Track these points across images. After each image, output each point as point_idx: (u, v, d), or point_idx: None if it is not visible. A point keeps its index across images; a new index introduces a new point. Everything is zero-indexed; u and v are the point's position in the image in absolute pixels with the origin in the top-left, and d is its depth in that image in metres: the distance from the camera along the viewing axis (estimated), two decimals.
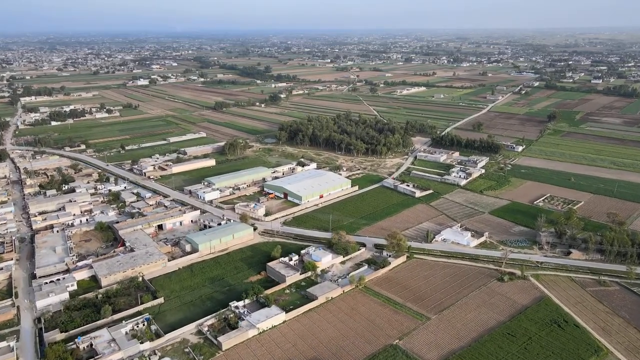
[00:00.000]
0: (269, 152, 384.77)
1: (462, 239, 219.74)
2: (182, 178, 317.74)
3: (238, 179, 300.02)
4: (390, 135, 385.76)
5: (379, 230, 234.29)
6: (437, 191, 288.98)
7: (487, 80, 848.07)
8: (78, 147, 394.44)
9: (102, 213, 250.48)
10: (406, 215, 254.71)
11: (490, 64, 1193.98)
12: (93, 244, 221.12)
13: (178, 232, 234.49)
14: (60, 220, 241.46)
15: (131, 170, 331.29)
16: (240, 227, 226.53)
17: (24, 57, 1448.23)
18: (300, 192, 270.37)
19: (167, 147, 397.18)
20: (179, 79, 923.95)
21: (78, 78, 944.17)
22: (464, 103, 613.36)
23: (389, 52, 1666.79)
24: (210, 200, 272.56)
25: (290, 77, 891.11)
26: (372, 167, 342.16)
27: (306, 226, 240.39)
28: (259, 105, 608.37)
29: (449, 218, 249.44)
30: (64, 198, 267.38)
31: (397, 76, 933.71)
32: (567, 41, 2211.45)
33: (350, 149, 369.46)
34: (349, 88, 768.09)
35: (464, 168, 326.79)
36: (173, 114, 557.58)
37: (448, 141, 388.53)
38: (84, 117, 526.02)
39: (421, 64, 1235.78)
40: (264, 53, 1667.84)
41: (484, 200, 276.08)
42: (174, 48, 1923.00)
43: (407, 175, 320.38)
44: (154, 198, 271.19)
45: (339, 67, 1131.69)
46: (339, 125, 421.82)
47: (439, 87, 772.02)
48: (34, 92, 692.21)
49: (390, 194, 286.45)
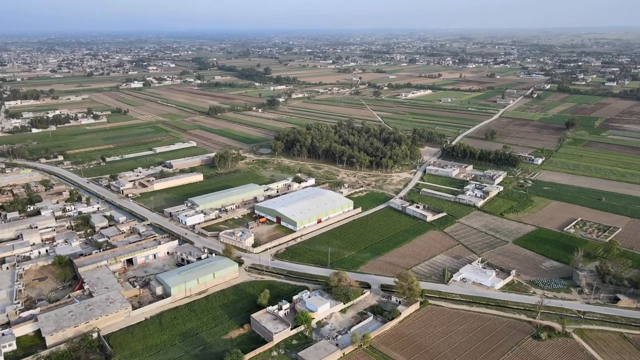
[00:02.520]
0: (264, 165, 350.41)
1: (485, 279, 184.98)
2: (165, 196, 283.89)
3: (225, 199, 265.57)
4: (396, 146, 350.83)
5: (386, 266, 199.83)
6: (450, 214, 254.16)
7: (496, 83, 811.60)
8: (55, 158, 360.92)
9: (66, 242, 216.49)
10: (417, 245, 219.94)
11: (497, 65, 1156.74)
12: (48, 284, 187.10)
13: (151, 267, 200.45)
14: (15, 252, 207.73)
15: (108, 187, 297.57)
16: (223, 263, 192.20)
17: (20, 58, 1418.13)
18: (295, 216, 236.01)
19: (153, 158, 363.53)
20: (174, 81, 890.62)
21: (71, 80, 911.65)
22: (474, 108, 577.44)
23: (393, 52, 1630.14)
24: (192, 225, 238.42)
25: (290, 80, 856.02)
26: (377, 183, 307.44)
27: (301, 260, 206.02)
28: (255, 110, 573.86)
29: (468, 249, 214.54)
30: (25, 223, 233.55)
31: (401, 78, 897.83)
32: (573, 41, 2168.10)
33: (353, 161, 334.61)
34: (352, 91, 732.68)
35: (479, 185, 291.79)
36: (164, 120, 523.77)
37: (460, 152, 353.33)
38: (68, 124, 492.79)
39: (426, 65, 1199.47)
40: (265, 54, 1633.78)
41: (506, 225, 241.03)
42: (174, 49, 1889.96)
43: (416, 194, 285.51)
44: (128, 223, 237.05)
45: (341, 69, 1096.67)
46: (340, 135, 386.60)
47: (445, 90, 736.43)
48: (20, 95, 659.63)
49: (398, 217, 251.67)
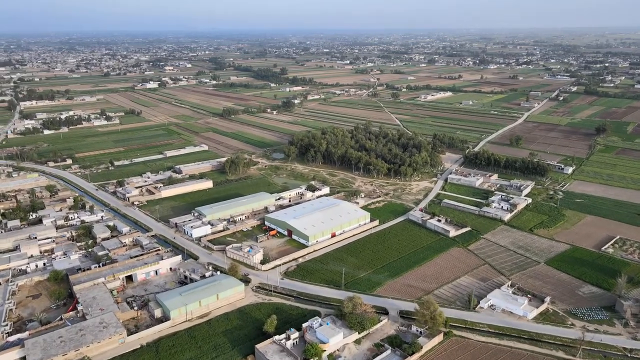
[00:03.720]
0: (276, 171, 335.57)
1: (516, 306, 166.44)
2: (172, 204, 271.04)
3: (234, 209, 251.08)
4: (416, 152, 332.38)
5: (405, 288, 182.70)
6: (475, 228, 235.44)
7: (519, 85, 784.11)
8: (63, 161, 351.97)
9: (65, 255, 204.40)
10: (439, 264, 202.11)
11: (520, 66, 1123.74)
12: (41, 302, 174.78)
13: (152, 285, 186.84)
14: (12, 265, 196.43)
15: (115, 194, 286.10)
16: (228, 283, 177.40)
17: (40, 58, 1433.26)
18: (307, 229, 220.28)
19: (162, 163, 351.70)
20: (190, 81, 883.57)
21: (88, 80, 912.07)
22: (496, 111, 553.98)
23: (411, 52, 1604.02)
24: (198, 237, 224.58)
25: (306, 80, 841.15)
26: (396, 192, 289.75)
27: (313, 279, 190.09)
28: (270, 112, 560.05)
29: (495, 270, 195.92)
30: (24, 233, 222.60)
31: (420, 79, 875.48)
32: (598, 41, 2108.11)
33: (370, 169, 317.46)
34: (369, 93, 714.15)
35: (506, 196, 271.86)
36: (177, 122, 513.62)
37: (484, 160, 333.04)
38: (80, 125, 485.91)
39: (445, 66, 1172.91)
40: (282, 54, 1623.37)
41: (536, 242, 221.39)
42: (191, 48, 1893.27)
43: (438, 205, 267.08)
44: (131, 235, 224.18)
45: (358, 69, 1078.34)
46: (357, 140, 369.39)
47: (466, 92, 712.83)
48: (36, 96, 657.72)
49: (418, 231, 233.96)
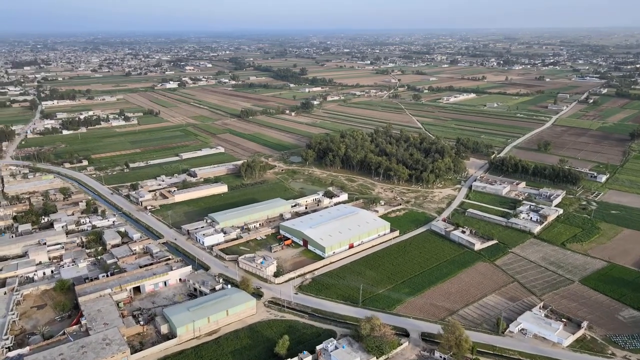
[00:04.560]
0: (293, 175, 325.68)
1: (550, 332, 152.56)
2: (185, 210, 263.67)
3: (249, 215, 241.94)
4: (438, 158, 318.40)
5: (428, 307, 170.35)
6: (502, 241, 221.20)
7: (545, 86, 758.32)
8: (79, 163, 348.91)
9: (73, 263, 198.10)
10: (464, 280, 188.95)
11: (546, 67, 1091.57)
12: (46, 314, 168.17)
13: (160, 297, 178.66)
14: (19, 272, 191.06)
15: (128, 197, 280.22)
16: (239, 297, 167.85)
17: (65, 58, 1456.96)
18: (323, 240, 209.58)
19: (178, 165, 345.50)
20: (209, 81, 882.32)
21: (109, 80, 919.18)
22: (522, 114, 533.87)
23: (433, 53, 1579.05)
24: (210, 246, 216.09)
25: (325, 81, 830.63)
26: (417, 200, 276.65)
27: (328, 294, 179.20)
28: (288, 114, 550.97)
29: (525, 289, 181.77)
30: (34, 238, 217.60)
31: (442, 80, 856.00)
32: (627, 41, 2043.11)
33: (390, 174, 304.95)
34: (390, 94, 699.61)
35: (535, 207, 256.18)
36: (194, 123, 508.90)
37: (511, 166, 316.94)
38: (98, 125, 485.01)
39: (468, 67, 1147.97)
40: (302, 54, 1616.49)
41: (569, 258, 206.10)
42: (212, 48, 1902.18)
43: (462, 215, 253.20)
44: (141, 242, 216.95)
45: (379, 70, 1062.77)
46: (377, 144, 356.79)
47: (490, 94, 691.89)
48: (57, 95, 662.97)
49: (441, 243, 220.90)
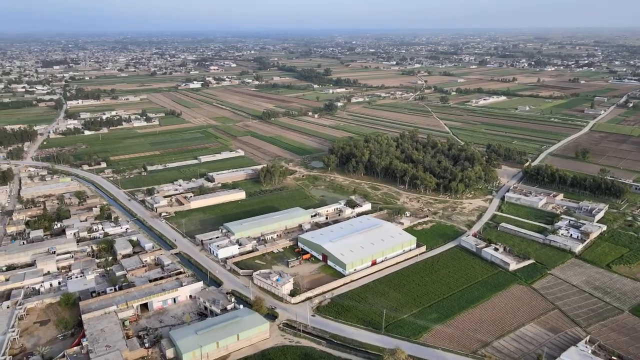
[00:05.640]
0: (314, 182, 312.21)
1: None
2: (201, 217, 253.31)
3: (266, 226, 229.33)
4: (468, 166, 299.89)
5: (458, 336, 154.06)
6: (540, 261, 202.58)
7: (580, 89, 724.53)
8: (98, 165, 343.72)
9: (81, 274, 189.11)
10: (497, 305, 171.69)
11: (580, 69, 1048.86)
12: (48, 331, 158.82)
13: (168, 316, 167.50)
14: (25, 283, 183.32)
15: (143, 202, 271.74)
16: (251, 320, 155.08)
17: (93, 57, 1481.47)
18: (344, 256, 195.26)
19: (196, 169, 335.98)
20: (233, 81, 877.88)
21: (134, 79, 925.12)
22: (557, 118, 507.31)
23: (460, 53, 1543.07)
24: (224, 258, 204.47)
25: (350, 82, 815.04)
26: (445, 211, 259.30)
27: (349, 318, 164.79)
28: (311, 116, 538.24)
29: (568, 319, 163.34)
30: (44, 246, 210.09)
31: (470, 82, 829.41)
32: None
33: (417, 183, 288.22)
34: (416, 96, 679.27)
35: (575, 222, 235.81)
36: (215, 124, 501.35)
37: (547, 176, 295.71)
38: (120, 126, 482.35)
39: (498, 68, 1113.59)
40: (327, 54, 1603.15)
41: (617, 283, 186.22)
42: (237, 48, 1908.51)
43: (494, 229, 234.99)
44: (153, 252, 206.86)
45: (405, 71, 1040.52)
46: (403, 150, 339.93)
47: (522, 97, 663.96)
48: (82, 95, 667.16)
49: (472, 262, 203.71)
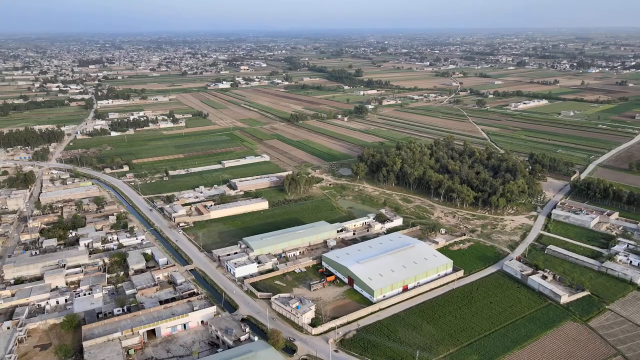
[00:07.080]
0: (342, 191, 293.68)
1: None
2: (220, 229, 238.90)
3: (288, 242, 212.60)
4: (510, 178, 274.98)
5: None
6: (595, 293, 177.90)
7: (629, 92, 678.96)
8: (120, 168, 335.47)
9: (90, 291, 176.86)
10: (548, 347, 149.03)
11: (627, 71, 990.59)
12: (48, 357, 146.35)
13: (177, 345, 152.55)
14: (31, 299, 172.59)
15: (161, 211, 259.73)
16: (266, 356, 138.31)
17: (128, 56, 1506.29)
18: (373, 280, 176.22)
19: (219, 175, 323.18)
20: (262, 82, 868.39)
21: (165, 79, 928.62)
22: (605, 125, 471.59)
23: (497, 54, 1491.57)
24: (241, 277, 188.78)
25: (382, 83, 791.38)
26: (484, 229, 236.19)
27: (376, 355, 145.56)
28: (340, 119, 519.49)
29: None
30: (55, 258, 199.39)
31: (508, 84, 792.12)
32: None
33: (452, 196, 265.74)
34: (450, 99, 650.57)
35: (635, 247, 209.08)
36: (242, 126, 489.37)
37: (599, 192, 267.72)
38: (146, 127, 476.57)
39: (537, 69, 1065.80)
40: (358, 54, 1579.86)
41: None
42: (269, 48, 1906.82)
43: (541, 252, 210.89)
44: (166, 269, 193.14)
45: (438, 72, 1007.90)
46: (437, 159, 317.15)
47: (565, 101, 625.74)
48: (112, 95, 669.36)
49: (517, 291, 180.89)
